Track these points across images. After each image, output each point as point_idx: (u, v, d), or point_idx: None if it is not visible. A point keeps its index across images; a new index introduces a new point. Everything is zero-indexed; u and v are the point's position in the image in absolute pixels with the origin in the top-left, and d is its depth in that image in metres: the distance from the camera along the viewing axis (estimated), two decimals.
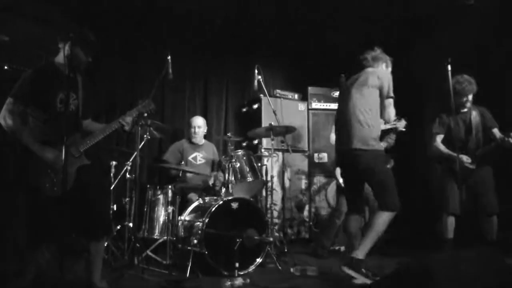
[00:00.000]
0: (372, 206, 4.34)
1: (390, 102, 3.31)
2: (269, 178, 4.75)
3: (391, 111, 3.31)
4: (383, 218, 3.18)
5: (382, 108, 3.32)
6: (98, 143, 2.92)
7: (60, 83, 2.80)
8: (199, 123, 5.03)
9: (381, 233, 3.18)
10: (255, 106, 5.74)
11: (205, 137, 5.16)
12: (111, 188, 4.13)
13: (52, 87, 2.80)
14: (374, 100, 3.30)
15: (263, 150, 5.26)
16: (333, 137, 4.38)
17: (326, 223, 4.79)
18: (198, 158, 5.01)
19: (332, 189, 5.55)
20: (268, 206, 4.69)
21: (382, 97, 3.32)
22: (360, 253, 3.15)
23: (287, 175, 5.54)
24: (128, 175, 4.26)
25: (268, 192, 4.77)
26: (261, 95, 5.52)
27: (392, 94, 3.32)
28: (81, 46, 2.79)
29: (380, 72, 3.37)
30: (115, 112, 5.07)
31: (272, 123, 4.57)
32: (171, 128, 4.92)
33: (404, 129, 4.39)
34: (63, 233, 2.75)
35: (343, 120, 3.42)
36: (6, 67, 3.80)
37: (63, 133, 2.59)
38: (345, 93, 3.47)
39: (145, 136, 4.23)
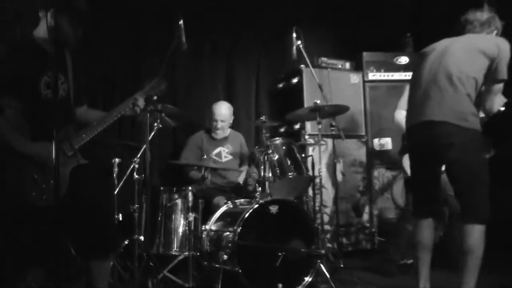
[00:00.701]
0: (455, 209, 4.19)
1: (499, 88, 3.14)
2: (316, 173, 4.75)
3: (497, 101, 3.17)
4: (479, 236, 3.01)
5: (486, 93, 3.14)
6: (97, 136, 2.96)
7: (44, 63, 2.81)
8: (223, 115, 5.07)
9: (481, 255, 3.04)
10: (295, 80, 5.77)
11: (231, 126, 5.28)
12: (115, 192, 4.19)
13: (33, 68, 2.81)
14: (480, 71, 3.12)
15: (307, 137, 5.29)
16: (399, 115, 4.25)
17: (393, 230, 4.79)
18: (223, 154, 5.11)
19: (399, 184, 5.54)
20: (317, 208, 4.74)
21: (490, 76, 3.13)
22: None
23: (339, 168, 5.53)
24: (136, 175, 4.29)
25: (316, 191, 4.80)
26: (302, 65, 5.54)
27: (506, 76, 3.12)
28: (68, 16, 2.79)
29: (501, 42, 3.15)
30: (114, 96, 5.15)
31: (318, 102, 4.58)
32: (187, 114, 4.97)
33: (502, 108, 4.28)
34: (56, 253, 2.73)
35: (427, 88, 3.23)
36: None
37: (52, 126, 2.60)
38: (433, 55, 3.30)
39: (155, 125, 4.27)
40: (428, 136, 3.20)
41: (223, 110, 5.09)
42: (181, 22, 3.69)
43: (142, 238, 4.11)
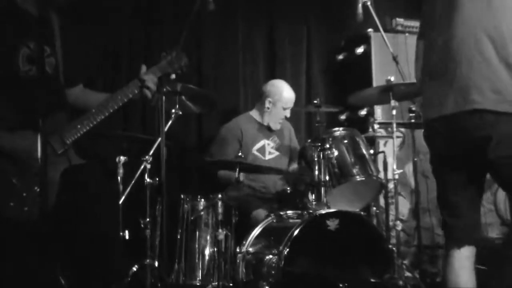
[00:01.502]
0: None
1: None
2: (390, 175, 4.73)
3: None
4: None
5: None
6: (96, 128, 2.99)
7: (24, 30, 2.83)
8: (293, 100, 5.10)
9: None
10: (360, 50, 5.75)
11: None
12: (120, 202, 4.19)
13: (8, 37, 2.82)
14: None
15: (377, 126, 5.26)
16: None
17: (498, 253, 4.66)
18: (267, 148, 5.14)
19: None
20: (391, 224, 4.70)
21: None
22: None
23: (421, 168, 5.33)
24: (147, 179, 4.30)
25: (390, 200, 4.79)
26: (370, 29, 5.53)
27: None
28: None
29: None
30: (119, 76, 5.18)
31: (392, 79, 4.53)
32: (216, 97, 4.97)
33: None
34: (41, 285, 2.76)
35: (455, 56, 2.90)
36: None
37: (37, 114, 2.60)
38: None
39: (173, 111, 4.29)
40: (460, 131, 2.92)
41: (293, 95, 5.12)
42: None
43: (156, 263, 4.11)
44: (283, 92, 5.10)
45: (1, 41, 2.82)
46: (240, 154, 4.53)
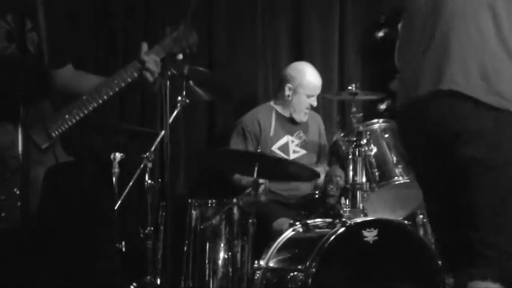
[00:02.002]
0: None
1: None
2: None
3: None
4: None
5: None
6: (87, 118, 2.97)
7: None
8: (320, 88, 5.11)
9: None
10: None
11: None
12: (115, 207, 4.21)
13: None
14: None
15: None
16: None
17: None
18: (291, 146, 5.15)
19: None
20: None
21: None
22: None
23: None
24: (148, 180, 4.36)
25: None
26: None
27: None
28: None
29: None
30: (115, 56, 5.19)
31: None
32: (230, 83, 5.08)
33: None
34: None
35: (446, 22, 2.75)
36: None
37: (16, 101, 2.56)
38: None
39: (179, 99, 4.38)
40: (435, 125, 2.74)
41: (320, 80, 5.11)
42: None
43: (158, 281, 4.19)
44: (305, 76, 5.09)
45: None
46: (259, 151, 4.61)
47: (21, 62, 2.73)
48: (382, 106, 5.67)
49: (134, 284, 4.20)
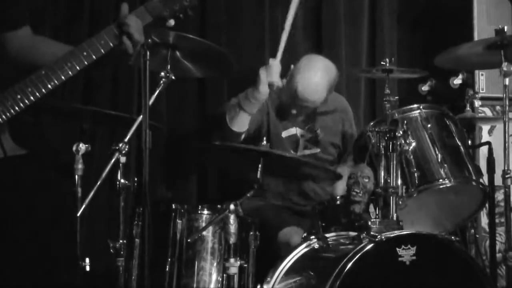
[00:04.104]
0: None
1: None
2: (498, 181, 4.74)
3: None
4: None
5: None
6: (44, 99, 2.97)
7: None
8: (315, 100, 4.99)
9: None
10: None
11: None
12: (78, 214, 4.11)
13: None
14: None
15: (478, 103, 5.24)
16: None
17: None
18: (302, 142, 5.16)
19: None
20: (499, 255, 4.89)
21: None
22: None
23: None
24: (121, 179, 4.27)
25: (498, 219, 4.97)
26: None
27: None
28: None
29: None
30: (80, 17, 5.10)
31: (505, 28, 4.57)
32: (228, 55, 4.90)
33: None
34: None
35: None
36: None
37: None
38: None
39: (162, 75, 4.29)
40: None
41: (316, 95, 4.93)
42: None
43: None
44: (300, 78, 4.94)
45: None
46: (264, 142, 4.39)
47: None
48: (424, 88, 5.48)
49: None
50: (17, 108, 2.87)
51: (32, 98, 2.89)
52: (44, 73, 2.91)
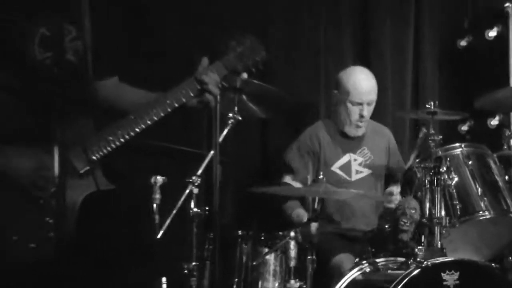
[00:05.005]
0: None
1: None
2: None
3: None
4: None
5: None
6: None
7: (36, 5, 2.85)
8: (371, 91, 5.07)
9: None
10: (492, 33, 5.78)
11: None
12: (156, 238, 4.22)
13: (18, 20, 2.84)
14: None
15: None
16: None
17: None
18: (354, 165, 5.20)
19: None
20: None
21: None
22: None
23: None
24: (194, 208, 4.33)
25: None
26: (508, 4, 5.63)
27: None
28: None
29: None
30: (167, 70, 5.10)
31: None
32: (289, 97, 4.96)
33: None
34: None
35: None
36: None
37: (52, 120, 2.64)
38: None
39: (230, 116, 4.40)
40: None
41: (370, 84, 5.06)
42: None
43: None
44: (350, 80, 5.05)
45: (8, 26, 2.84)
46: (321, 176, 4.47)
47: (58, 75, 2.79)
48: (464, 128, 5.69)
49: None
50: (108, 148, 2.93)
51: (122, 139, 2.95)
52: (133, 118, 2.97)
